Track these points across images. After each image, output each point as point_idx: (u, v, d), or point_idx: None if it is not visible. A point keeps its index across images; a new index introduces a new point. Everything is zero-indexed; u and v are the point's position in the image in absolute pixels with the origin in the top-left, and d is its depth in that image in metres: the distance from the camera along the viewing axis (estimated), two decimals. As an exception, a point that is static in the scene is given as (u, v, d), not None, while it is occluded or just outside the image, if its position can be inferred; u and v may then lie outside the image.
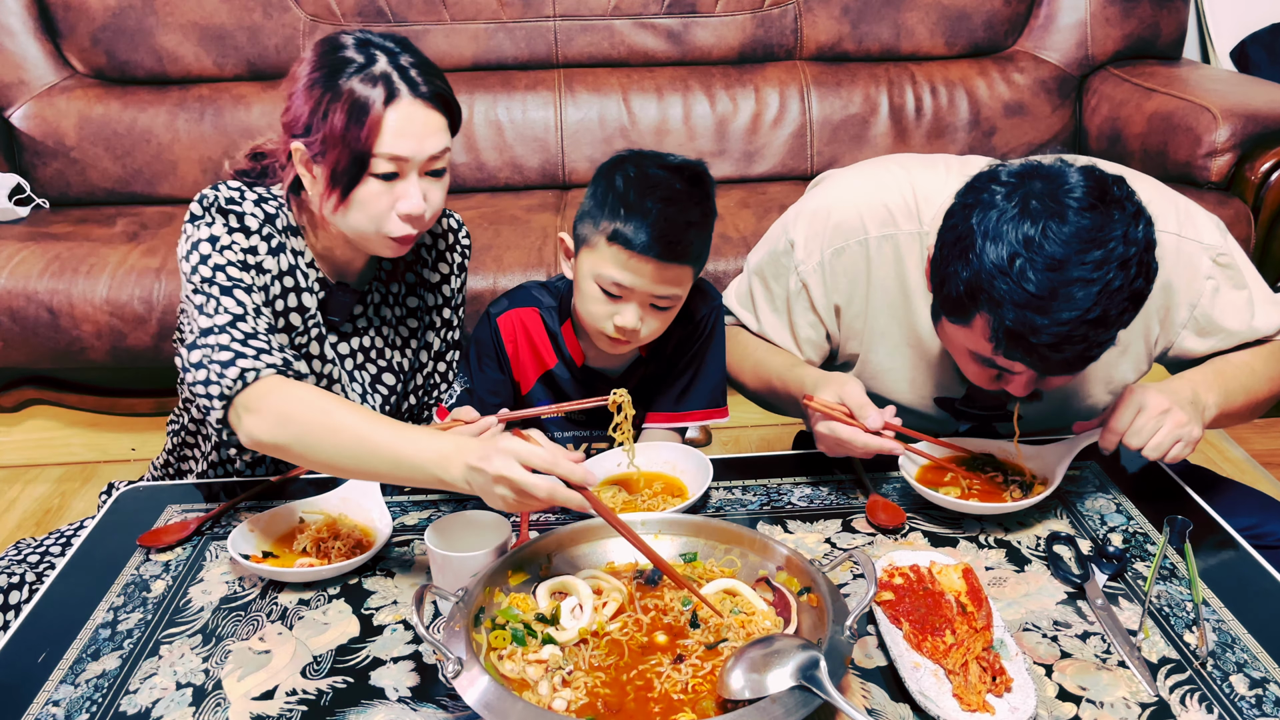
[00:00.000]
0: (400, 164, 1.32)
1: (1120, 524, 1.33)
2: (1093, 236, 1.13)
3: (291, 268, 1.41)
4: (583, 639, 1.08)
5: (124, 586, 1.26)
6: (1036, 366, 1.21)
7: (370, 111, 1.30)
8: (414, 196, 1.34)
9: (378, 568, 1.28)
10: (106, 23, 2.86)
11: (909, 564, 1.19)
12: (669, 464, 1.46)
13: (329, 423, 1.20)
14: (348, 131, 1.30)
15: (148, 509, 1.42)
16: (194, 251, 1.34)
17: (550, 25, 2.99)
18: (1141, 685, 1.05)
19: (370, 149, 1.31)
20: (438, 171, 1.37)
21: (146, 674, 1.11)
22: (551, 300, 1.57)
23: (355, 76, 1.31)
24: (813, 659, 0.95)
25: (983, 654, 1.06)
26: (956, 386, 1.51)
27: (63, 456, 2.76)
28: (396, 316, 1.58)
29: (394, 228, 1.36)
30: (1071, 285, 1.13)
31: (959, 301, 1.22)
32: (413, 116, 1.32)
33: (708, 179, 1.43)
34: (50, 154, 2.84)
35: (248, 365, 1.26)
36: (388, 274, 1.55)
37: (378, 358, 1.56)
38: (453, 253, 1.62)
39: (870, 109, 2.99)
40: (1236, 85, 2.83)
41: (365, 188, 1.33)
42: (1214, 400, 1.36)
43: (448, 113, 1.37)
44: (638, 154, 1.44)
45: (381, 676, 1.10)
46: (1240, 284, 1.44)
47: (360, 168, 1.32)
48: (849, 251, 1.47)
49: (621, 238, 1.36)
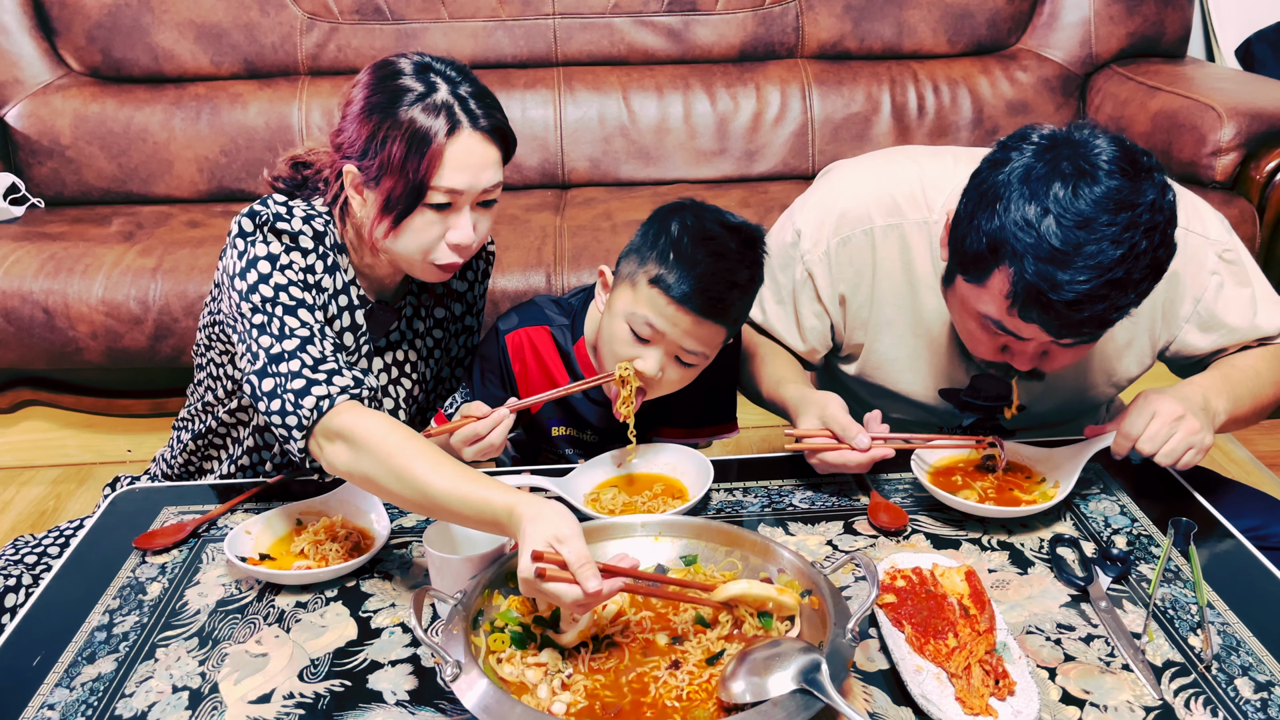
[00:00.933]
0: (455, 196, 1.33)
1: (1124, 526, 1.33)
2: (1123, 200, 1.15)
3: (346, 285, 1.42)
4: (582, 642, 1.08)
5: (120, 589, 1.26)
6: (1051, 327, 1.20)
7: (432, 144, 1.30)
8: (465, 229, 1.35)
9: (376, 570, 1.28)
10: (102, 20, 2.86)
11: (911, 566, 1.19)
12: (669, 465, 1.46)
13: (394, 466, 1.17)
14: (407, 162, 1.30)
15: (144, 511, 1.42)
16: (251, 269, 1.32)
17: (549, 23, 2.99)
18: (1146, 689, 1.05)
19: (429, 181, 1.31)
20: (489, 202, 1.38)
21: (142, 677, 1.11)
22: (564, 318, 1.54)
23: (416, 105, 1.30)
24: (814, 662, 0.95)
25: (985, 657, 1.06)
26: (961, 376, 1.52)
27: (58, 458, 2.76)
28: (426, 329, 1.58)
29: (442, 256, 1.36)
30: (1098, 242, 1.14)
31: (979, 257, 1.22)
32: (471, 149, 1.32)
33: (761, 243, 1.40)
34: (45, 153, 2.84)
35: (322, 393, 1.25)
36: (419, 286, 1.56)
37: (410, 371, 1.56)
38: (479, 260, 1.63)
39: (872, 108, 2.99)
40: (1242, 84, 2.83)
41: (419, 217, 1.33)
42: (1223, 406, 1.37)
43: (504, 145, 1.37)
44: (698, 205, 1.41)
45: (379, 680, 1.10)
46: (1244, 281, 1.45)
47: (417, 198, 1.32)
48: (855, 240, 1.48)
49: (663, 283, 1.32)
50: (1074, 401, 1.55)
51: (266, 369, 1.28)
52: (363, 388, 1.28)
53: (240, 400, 1.52)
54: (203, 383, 1.57)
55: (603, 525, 1.23)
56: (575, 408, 1.54)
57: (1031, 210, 1.16)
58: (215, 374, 1.54)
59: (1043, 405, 1.55)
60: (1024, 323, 1.21)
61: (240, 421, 1.56)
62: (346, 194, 1.38)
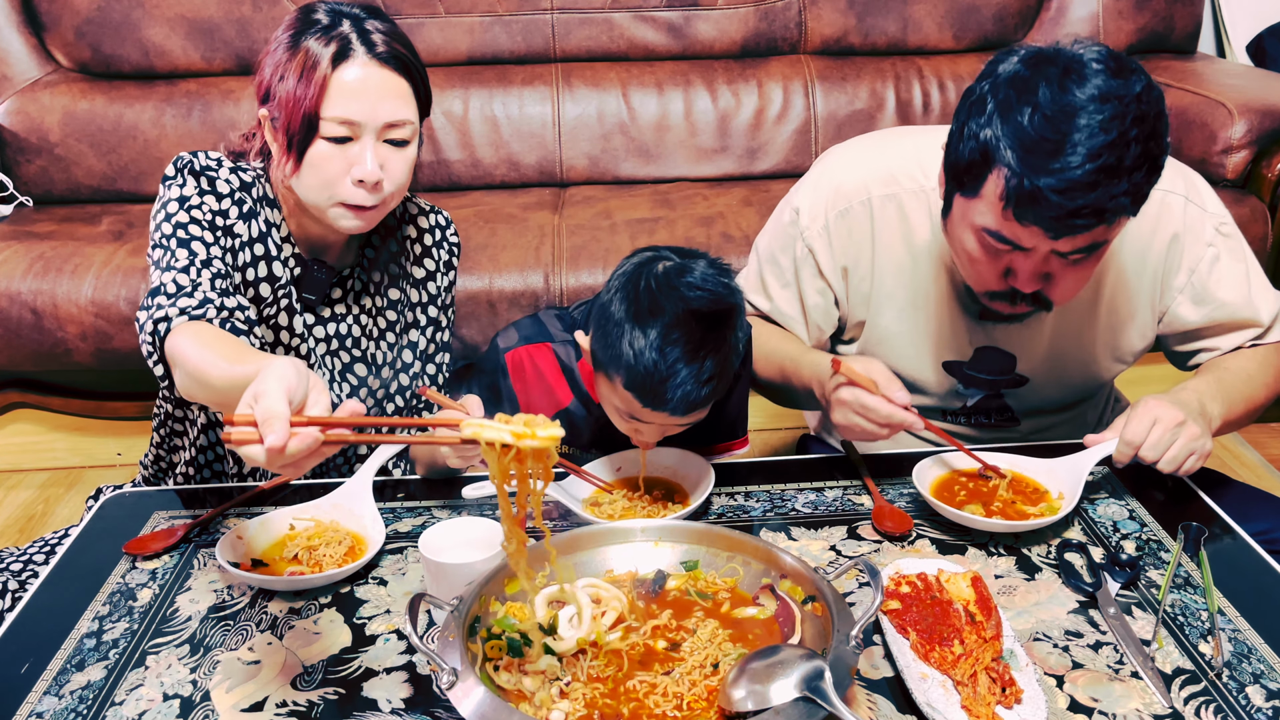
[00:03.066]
0: (352, 127, 1.32)
1: (1133, 531, 1.33)
2: (1110, 93, 1.19)
3: (263, 235, 1.41)
4: (581, 649, 1.08)
5: (109, 595, 1.26)
6: (1047, 224, 1.21)
7: (318, 69, 1.30)
8: (368, 161, 1.33)
9: (370, 576, 1.28)
10: (91, 16, 2.86)
11: (916, 572, 1.19)
12: (670, 469, 1.46)
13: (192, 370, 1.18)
14: (299, 91, 1.30)
15: (134, 515, 1.42)
16: (161, 211, 1.35)
17: (548, 18, 2.99)
18: (1155, 697, 1.05)
19: (318, 109, 1.31)
20: (399, 142, 1.36)
21: (132, 685, 1.11)
22: (566, 334, 1.50)
23: (313, 36, 1.32)
24: (817, 669, 0.95)
25: (992, 664, 1.06)
26: (964, 348, 1.54)
27: (47, 462, 2.76)
28: (376, 307, 1.57)
29: (349, 194, 1.35)
30: (1086, 130, 1.17)
31: (971, 165, 1.25)
32: (367, 78, 1.32)
33: (734, 316, 1.31)
34: (33, 151, 2.84)
35: (160, 315, 1.24)
36: (370, 261, 1.55)
37: (352, 346, 1.56)
38: (439, 249, 1.62)
39: (876, 104, 3.00)
40: (1253, 80, 2.84)
41: (316, 149, 1.33)
42: (1218, 410, 1.40)
43: (411, 80, 1.36)
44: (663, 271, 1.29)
45: (374, 688, 1.10)
46: (1239, 257, 1.50)
47: (310, 129, 1.32)
48: (853, 213, 1.51)
49: (638, 390, 1.28)
50: (1078, 379, 1.57)
51: (144, 303, 1.28)
52: (208, 307, 1.26)
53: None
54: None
55: (602, 530, 1.23)
56: (579, 427, 1.53)
57: (1021, 109, 1.20)
58: None
59: (1046, 385, 1.57)
60: (1021, 226, 1.23)
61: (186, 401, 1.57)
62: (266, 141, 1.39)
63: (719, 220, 2.62)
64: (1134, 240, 1.48)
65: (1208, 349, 1.54)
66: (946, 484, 1.40)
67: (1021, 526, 1.30)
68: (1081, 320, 1.52)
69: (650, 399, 1.28)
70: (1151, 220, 1.47)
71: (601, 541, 1.21)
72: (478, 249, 2.51)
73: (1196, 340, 1.54)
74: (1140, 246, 1.48)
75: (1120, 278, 1.50)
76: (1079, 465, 1.37)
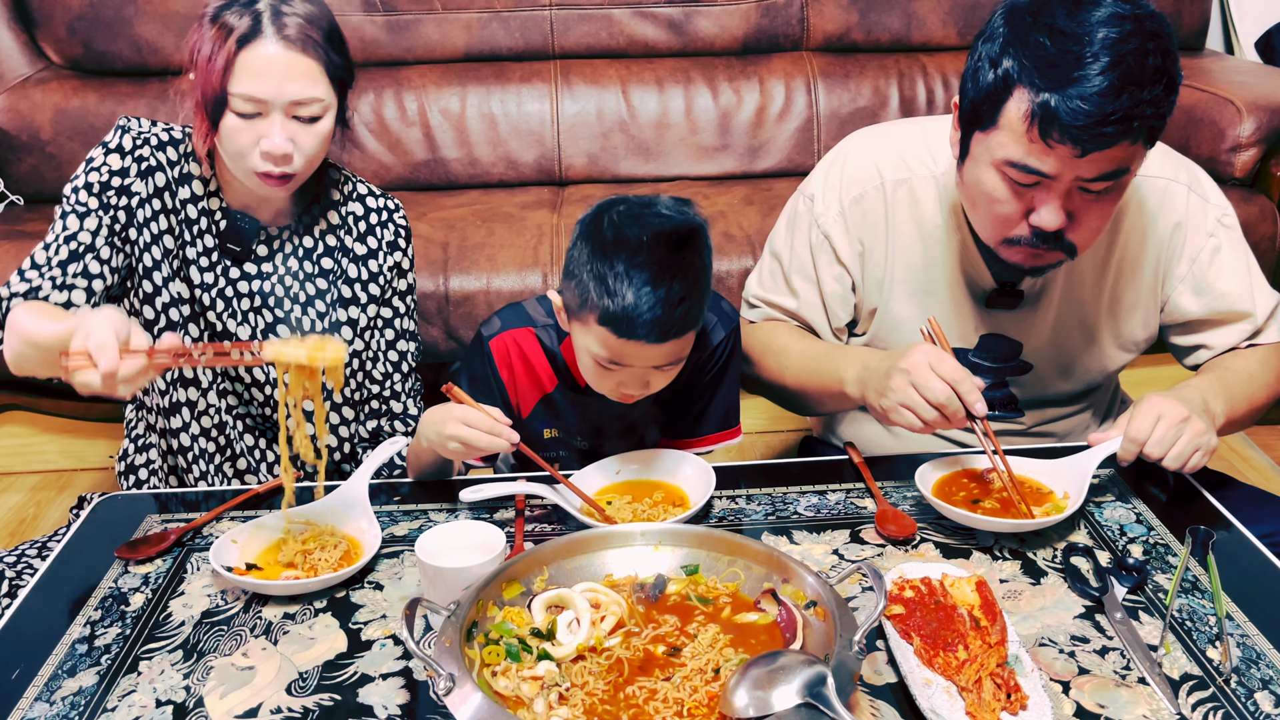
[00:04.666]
0: (259, 104, 1.40)
1: (1140, 535, 1.34)
2: (1123, 13, 1.23)
3: (167, 186, 1.50)
4: (580, 655, 1.08)
5: (101, 600, 1.26)
6: (1076, 137, 1.23)
7: (225, 47, 1.38)
8: (274, 136, 1.41)
9: (366, 580, 1.29)
10: (83, 12, 2.86)
11: (920, 576, 1.19)
12: (670, 472, 1.46)
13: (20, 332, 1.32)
14: (210, 65, 1.39)
15: (125, 519, 1.43)
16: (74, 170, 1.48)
17: (546, 14, 2.99)
18: (1162, 703, 1.05)
19: (225, 86, 1.39)
20: (309, 119, 1.43)
21: (125, 691, 1.11)
22: (548, 317, 1.52)
23: (231, 10, 1.39)
24: (820, 675, 0.96)
25: (997, 670, 1.06)
26: (970, 335, 1.56)
27: (37, 464, 2.76)
28: (306, 273, 1.61)
29: (258, 163, 1.43)
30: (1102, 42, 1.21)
31: (990, 94, 1.28)
32: (272, 59, 1.39)
33: (699, 236, 1.35)
34: (25, 149, 2.84)
35: (6, 293, 1.40)
36: (301, 225, 1.60)
37: (276, 306, 1.60)
38: (384, 229, 1.66)
39: (880, 102, 3.00)
40: (1262, 77, 2.84)
41: (227, 122, 1.41)
42: (1221, 408, 1.41)
43: (320, 60, 1.42)
44: (625, 208, 1.35)
45: (370, 694, 1.10)
46: (1240, 248, 1.52)
47: (220, 103, 1.40)
48: (867, 197, 1.54)
49: (611, 323, 1.30)
50: (1082, 367, 1.58)
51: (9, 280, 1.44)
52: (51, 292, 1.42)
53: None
54: None
55: (600, 534, 1.23)
56: (565, 412, 1.54)
57: (1037, 32, 1.24)
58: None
59: (1051, 373, 1.58)
60: (1047, 147, 1.25)
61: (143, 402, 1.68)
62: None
63: (720, 219, 2.62)
64: (1137, 227, 1.49)
65: (1206, 345, 1.55)
66: (947, 485, 1.40)
67: (1027, 526, 1.30)
68: (1085, 305, 1.53)
69: (624, 328, 1.30)
70: (1155, 208, 1.48)
71: (601, 545, 1.21)
72: (475, 248, 2.51)
73: (1195, 333, 1.55)
74: (1143, 233, 1.50)
75: (1124, 264, 1.51)
76: (1084, 464, 1.37)
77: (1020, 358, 1.57)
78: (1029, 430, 1.64)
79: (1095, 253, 1.50)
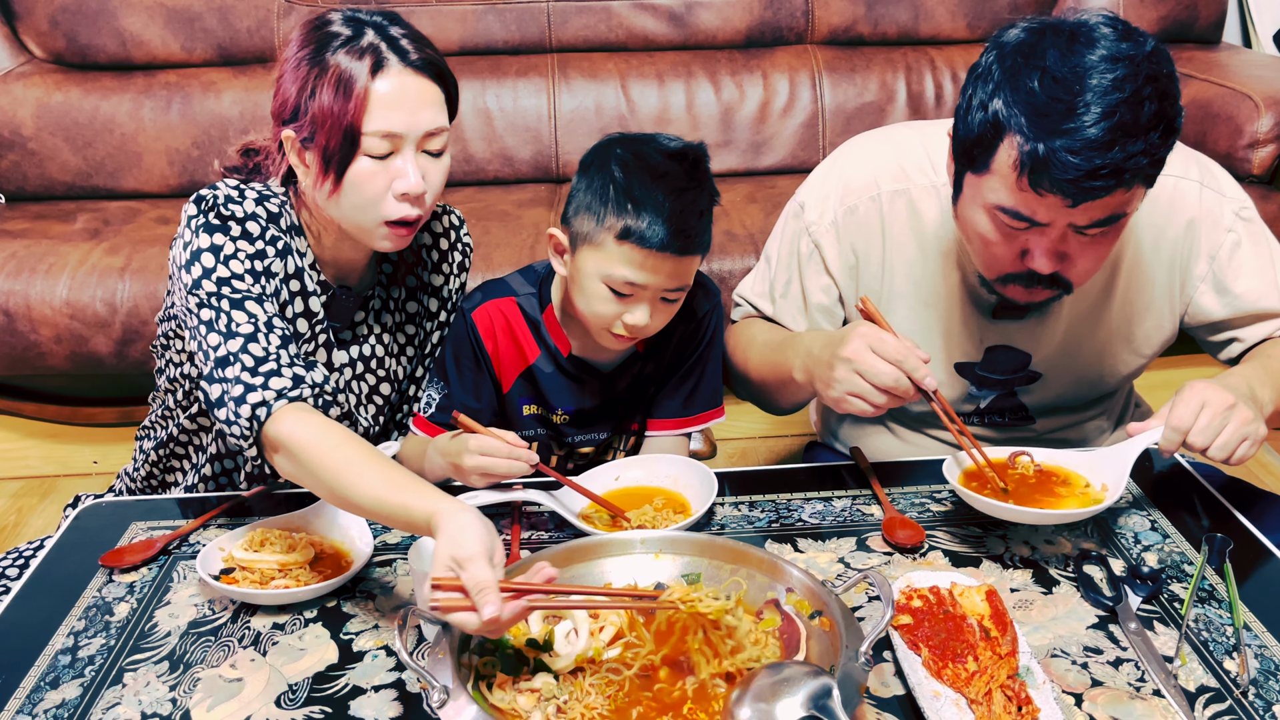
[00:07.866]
0: (394, 140, 1.33)
1: (1155, 543, 1.34)
2: (1119, 54, 1.21)
3: (298, 270, 1.42)
4: (578, 667, 1.08)
5: (85, 609, 1.26)
6: (1066, 189, 1.21)
7: (357, 84, 1.30)
8: (411, 174, 1.34)
9: (358, 589, 1.29)
10: (66, 4, 2.87)
11: (928, 585, 1.19)
12: (671, 478, 1.46)
13: (325, 479, 1.21)
14: (336, 108, 1.30)
15: (111, 526, 1.43)
16: (196, 262, 1.34)
17: (543, 6, 3.00)
18: (1178, 715, 1.05)
19: (360, 125, 1.31)
20: (436, 153, 1.38)
21: (109, 704, 1.11)
22: (529, 287, 1.55)
23: (342, 50, 1.32)
24: (825, 687, 0.96)
25: (1007, 682, 1.06)
26: (975, 350, 1.55)
27: (19, 470, 2.76)
28: (396, 323, 1.59)
29: (393, 210, 1.36)
30: (1096, 90, 1.19)
31: (981, 138, 1.26)
32: (404, 87, 1.33)
33: (707, 160, 1.45)
34: (5, 145, 2.84)
35: (258, 399, 1.27)
36: (389, 277, 1.56)
37: (377, 367, 1.57)
38: (454, 252, 1.64)
39: (886, 96, 3.00)
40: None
41: (358, 167, 1.33)
42: (1269, 396, 1.37)
43: (443, 86, 1.37)
44: (628, 139, 1.43)
45: (362, 706, 1.10)
46: (1263, 242, 1.50)
47: (352, 146, 1.32)
48: (862, 209, 1.52)
49: (635, 235, 1.35)
50: (1094, 373, 1.57)
51: (213, 374, 1.31)
52: (303, 387, 1.30)
53: (200, 405, 1.53)
54: (162, 385, 1.57)
55: (599, 542, 1.23)
56: (546, 388, 1.56)
57: (1029, 75, 1.22)
58: (173, 375, 1.54)
59: (1062, 381, 1.57)
60: (1037, 196, 1.24)
61: (202, 428, 1.56)
62: (291, 164, 1.39)
63: (722, 217, 2.62)
64: (1147, 229, 1.48)
65: (1239, 339, 1.53)
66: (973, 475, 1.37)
67: (1068, 516, 1.27)
68: (1095, 311, 1.52)
69: (649, 237, 1.35)
70: (1165, 208, 1.47)
71: (599, 554, 1.21)
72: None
73: (1225, 331, 1.53)
74: (1154, 235, 1.49)
75: (1135, 267, 1.50)
76: (1123, 455, 1.34)
77: (1029, 368, 1.56)
78: (1040, 437, 1.64)
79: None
